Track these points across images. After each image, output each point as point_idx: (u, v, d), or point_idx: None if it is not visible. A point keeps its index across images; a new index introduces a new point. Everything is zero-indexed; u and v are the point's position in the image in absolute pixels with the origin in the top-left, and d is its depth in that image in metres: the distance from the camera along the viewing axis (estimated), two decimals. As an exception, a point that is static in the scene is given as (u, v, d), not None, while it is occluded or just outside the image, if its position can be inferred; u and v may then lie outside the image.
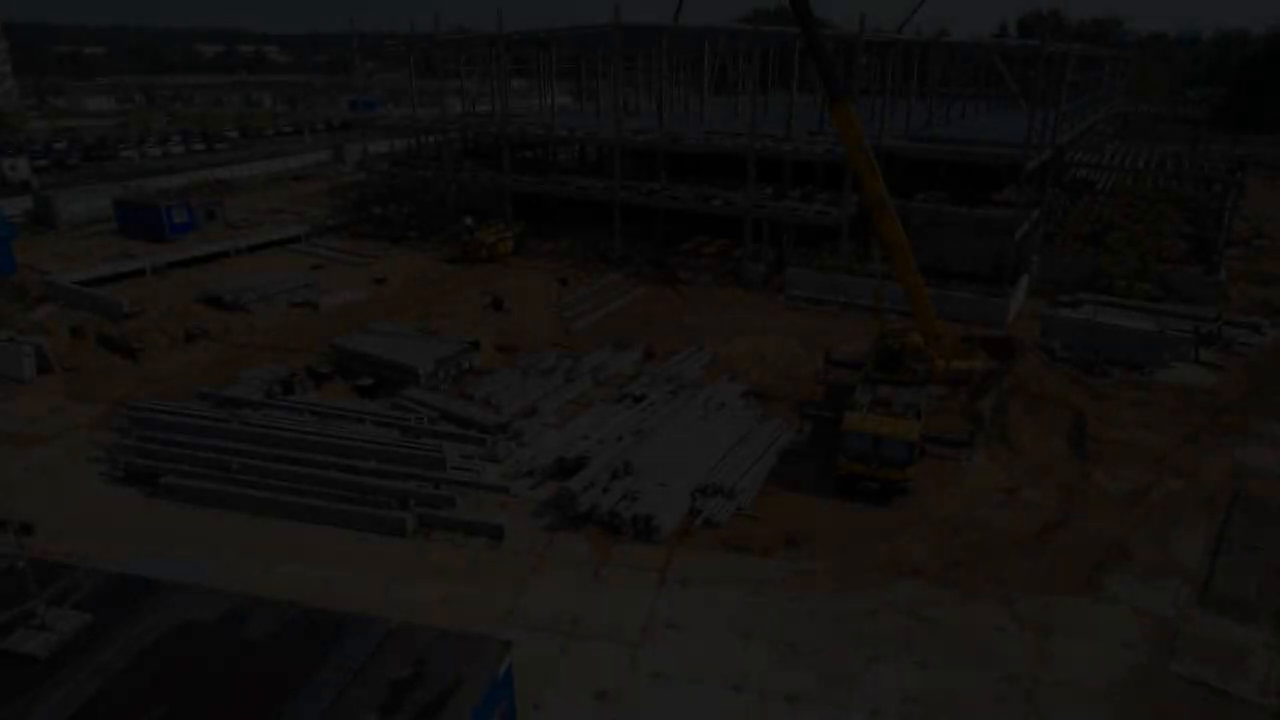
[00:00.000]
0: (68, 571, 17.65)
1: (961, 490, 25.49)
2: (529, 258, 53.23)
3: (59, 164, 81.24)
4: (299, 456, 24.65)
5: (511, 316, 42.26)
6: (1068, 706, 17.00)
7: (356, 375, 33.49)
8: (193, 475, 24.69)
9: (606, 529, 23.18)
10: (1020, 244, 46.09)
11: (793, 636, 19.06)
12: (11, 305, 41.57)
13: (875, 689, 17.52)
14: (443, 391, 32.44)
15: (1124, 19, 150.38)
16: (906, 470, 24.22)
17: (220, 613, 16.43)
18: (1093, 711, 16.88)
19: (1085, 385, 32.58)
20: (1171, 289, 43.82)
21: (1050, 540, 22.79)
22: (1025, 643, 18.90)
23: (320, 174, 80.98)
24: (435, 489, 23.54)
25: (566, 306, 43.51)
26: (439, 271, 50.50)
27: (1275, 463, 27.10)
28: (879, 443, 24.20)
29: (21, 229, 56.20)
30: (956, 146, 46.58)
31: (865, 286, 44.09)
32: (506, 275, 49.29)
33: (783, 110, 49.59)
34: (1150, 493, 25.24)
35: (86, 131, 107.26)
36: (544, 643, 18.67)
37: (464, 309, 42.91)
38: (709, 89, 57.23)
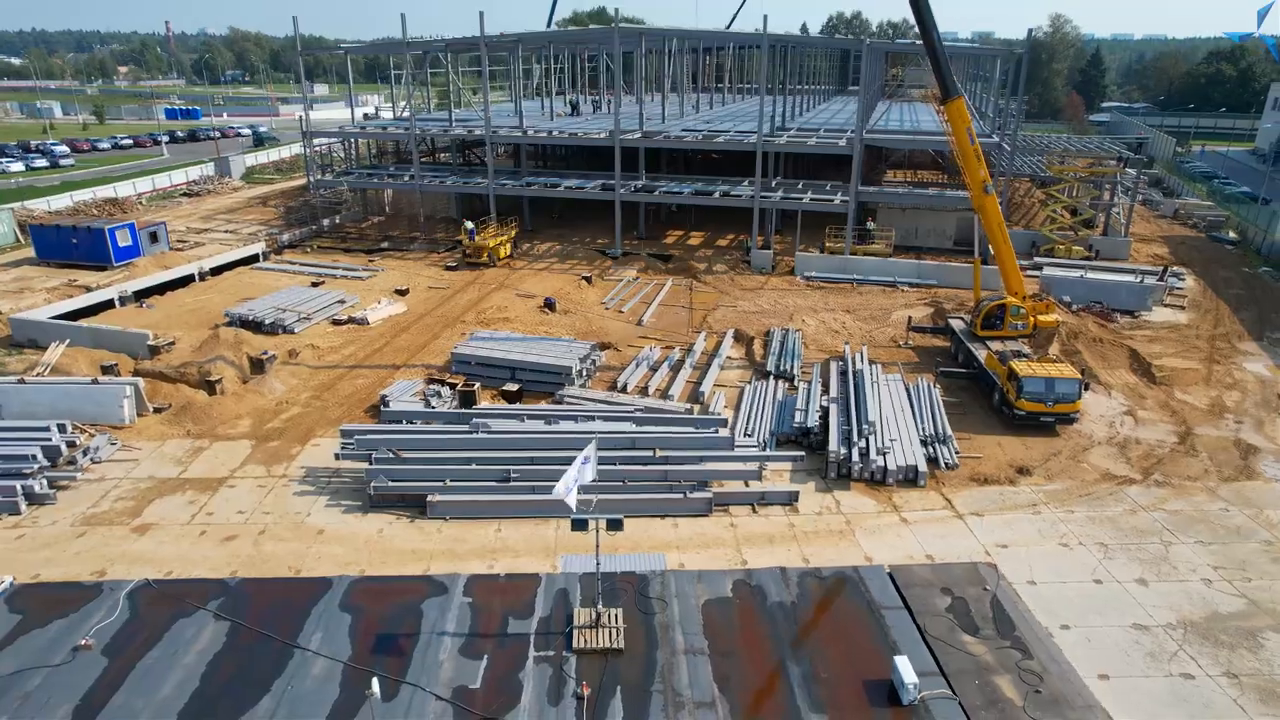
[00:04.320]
0: (533, 580, 17.95)
1: (1093, 416, 30.87)
2: (527, 259, 53.29)
3: None
4: (568, 456, 24.83)
5: (572, 316, 42.86)
6: (1322, 553, 22.45)
7: (488, 381, 33.11)
8: (458, 490, 24.17)
9: (870, 483, 25.93)
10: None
11: (1097, 539, 23.07)
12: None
13: (1187, 565, 21.96)
14: (589, 388, 33.13)
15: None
16: (1077, 404, 29.14)
17: (730, 586, 17.63)
18: (1339, 553, 22.46)
19: (1107, 329, 39.67)
20: (1095, 250, 53.22)
21: (1193, 445, 28.65)
22: (1249, 517, 24.26)
23: (212, 189, 73.78)
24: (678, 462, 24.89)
25: (623, 302, 44.78)
26: (448, 278, 49.32)
27: (1278, 370, 35.29)
28: (1052, 384, 28.90)
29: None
30: (931, 136, 53.14)
31: (870, 265, 49.38)
32: (519, 277, 49.23)
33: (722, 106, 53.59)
34: (1223, 402, 32.12)
35: None
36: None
37: (518, 311, 42.82)
38: (681, 88, 59.85)
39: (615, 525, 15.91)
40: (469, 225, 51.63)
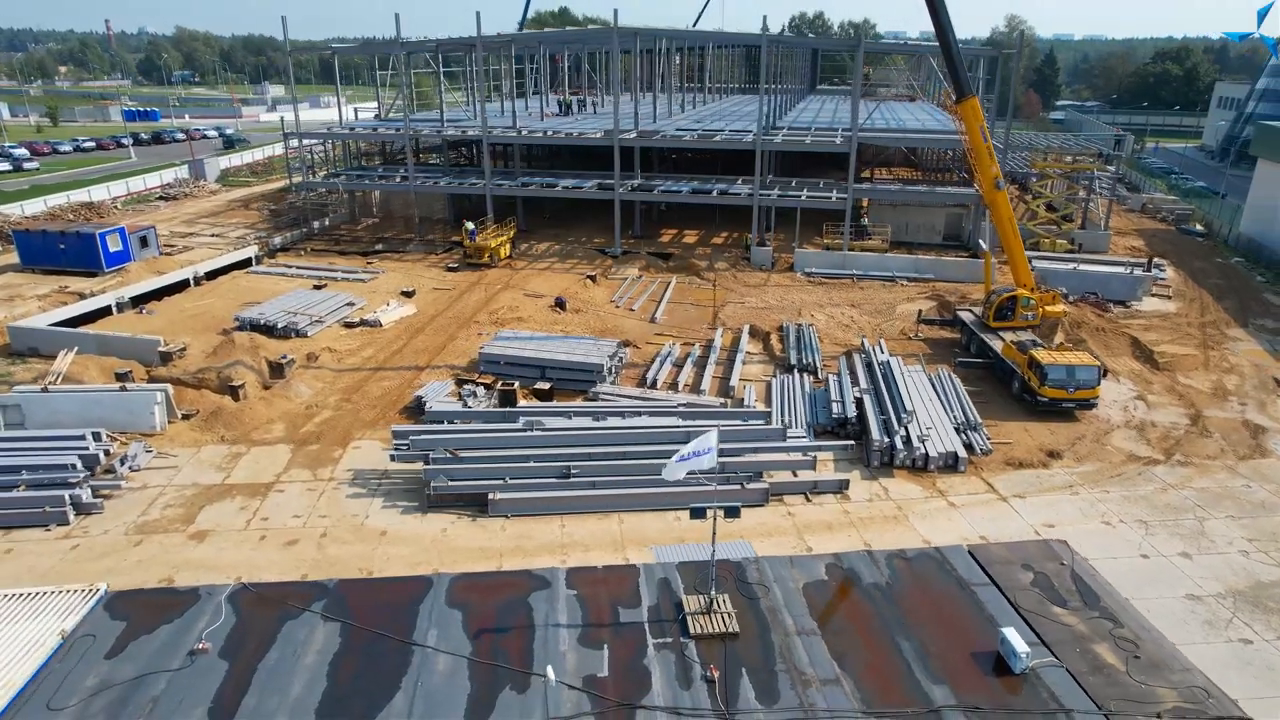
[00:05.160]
0: (632, 570, 18.30)
1: (1107, 402, 32.19)
2: (526, 259, 53.29)
3: None
4: (625, 451, 25.21)
5: (585, 315, 43.06)
6: (1342, 523, 23.93)
7: (518, 381, 33.19)
8: (518, 488, 24.33)
9: (911, 469, 26.77)
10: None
11: (1136, 516, 24.22)
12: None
13: (1224, 538, 23.20)
14: (618, 385, 33.46)
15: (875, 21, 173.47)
16: (1096, 389, 30.40)
17: (824, 570, 18.17)
18: (1358, 522, 23.96)
19: (1104, 318, 41.29)
20: (1078, 244, 55.19)
21: (1205, 426, 30.12)
22: (1271, 492, 25.68)
23: (188, 192, 72.05)
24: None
25: (632, 300, 45.14)
26: (451, 279, 49.11)
27: (1268, 355, 37.21)
28: (1073, 371, 30.12)
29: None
30: (923, 135, 54.57)
31: (868, 261, 50.45)
32: (523, 277, 49.24)
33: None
34: (1224, 385, 33.78)
35: None
36: (982, 557, 22.00)
37: (529, 311, 42.90)
38: (670, 88, 60.29)
39: (733, 513, 16.37)
40: (469, 226, 51.42)
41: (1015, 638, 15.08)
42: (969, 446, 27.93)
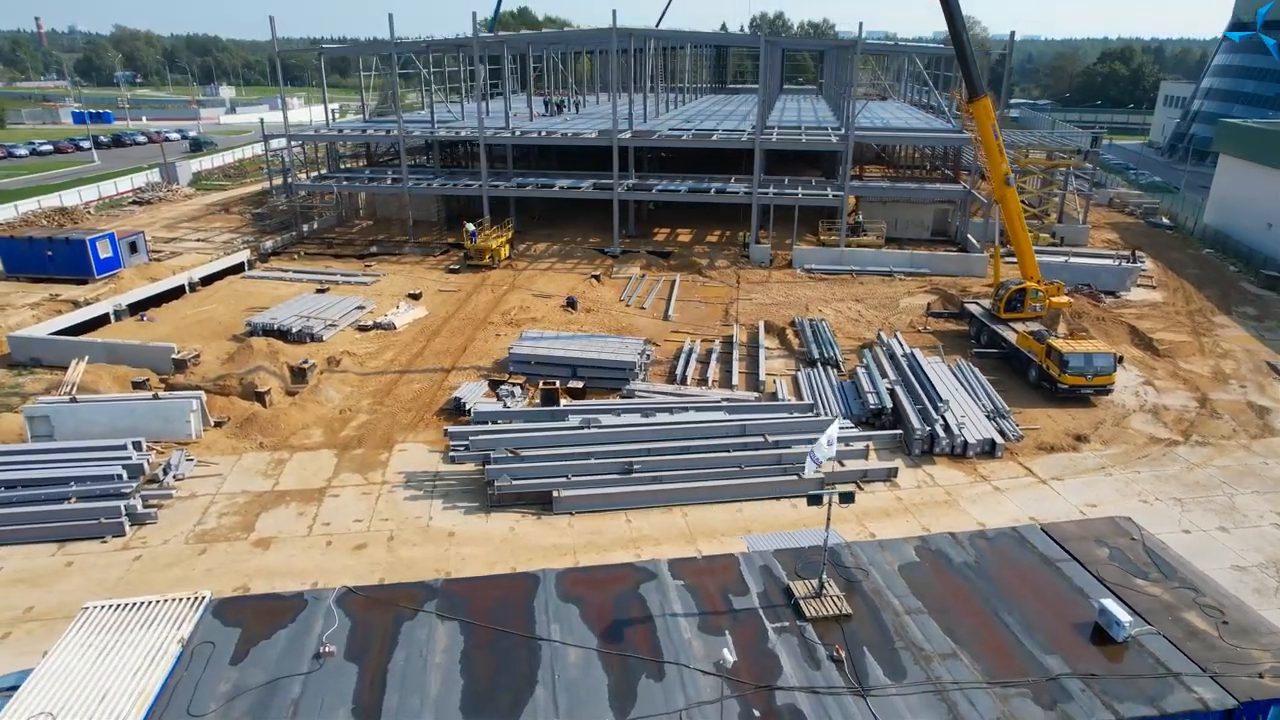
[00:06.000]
0: (731, 559, 18.74)
1: (1118, 388, 33.65)
2: (526, 259, 53.23)
3: None
4: (685, 446, 25.60)
5: (598, 314, 43.28)
6: (1358, 494, 25.53)
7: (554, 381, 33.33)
8: (581, 485, 24.55)
9: (951, 456, 27.70)
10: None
11: (1171, 494, 25.50)
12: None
13: (1255, 513, 24.59)
14: (649, 382, 33.82)
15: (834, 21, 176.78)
16: (1113, 376, 31.78)
17: (913, 552, 18.83)
18: (1372, 493, 25.58)
19: (1099, 308, 43.03)
20: (1060, 237, 57.26)
21: (1213, 408, 31.73)
22: (1287, 469, 27.28)
23: (162, 196, 70.08)
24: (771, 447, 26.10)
25: (641, 299, 45.48)
26: (454, 280, 48.87)
27: (1255, 340, 39.26)
28: (1091, 359, 31.46)
29: None
30: (914, 133, 55.98)
31: (866, 256, 51.59)
32: (526, 277, 49.24)
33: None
34: (1223, 370, 35.56)
35: None
36: (1037, 537, 22.95)
37: (542, 311, 43.00)
38: (658, 88, 60.68)
39: (848, 498, 16.92)
40: (470, 227, 51.19)
41: (1116, 608, 15.87)
42: (1001, 433, 29.00)
